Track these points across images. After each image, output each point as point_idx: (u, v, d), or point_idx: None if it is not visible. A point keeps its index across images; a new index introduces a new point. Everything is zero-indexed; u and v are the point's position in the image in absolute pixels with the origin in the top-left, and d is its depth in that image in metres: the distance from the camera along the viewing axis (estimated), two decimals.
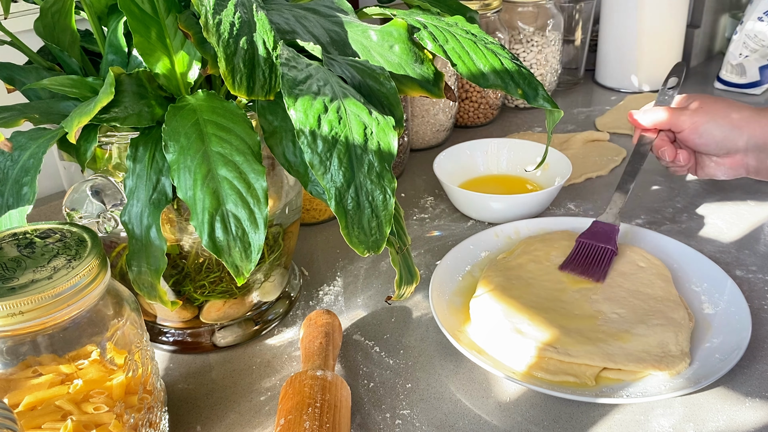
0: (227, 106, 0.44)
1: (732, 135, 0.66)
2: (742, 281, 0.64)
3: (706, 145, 0.68)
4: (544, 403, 0.52)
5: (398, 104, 0.46)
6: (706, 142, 0.68)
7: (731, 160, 0.68)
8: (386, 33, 0.50)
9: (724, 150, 0.68)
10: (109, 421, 0.41)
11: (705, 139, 0.67)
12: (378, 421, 0.51)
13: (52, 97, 0.51)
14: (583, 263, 0.63)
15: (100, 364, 0.42)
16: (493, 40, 0.53)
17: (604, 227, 0.66)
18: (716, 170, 0.70)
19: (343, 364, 0.57)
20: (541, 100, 0.51)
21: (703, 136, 0.67)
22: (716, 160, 0.69)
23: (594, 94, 1.14)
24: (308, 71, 0.41)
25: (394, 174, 0.41)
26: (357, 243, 0.40)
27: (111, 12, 0.50)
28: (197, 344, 0.59)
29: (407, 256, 0.53)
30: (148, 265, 0.45)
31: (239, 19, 0.41)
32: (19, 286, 0.38)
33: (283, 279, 0.62)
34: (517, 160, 0.85)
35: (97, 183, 0.47)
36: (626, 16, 1.08)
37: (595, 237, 0.65)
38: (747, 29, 1.05)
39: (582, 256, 0.64)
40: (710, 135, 0.67)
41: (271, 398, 0.54)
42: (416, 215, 0.79)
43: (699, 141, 0.68)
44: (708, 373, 0.51)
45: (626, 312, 0.57)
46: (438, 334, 0.60)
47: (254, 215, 0.42)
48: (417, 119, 0.92)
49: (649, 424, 0.50)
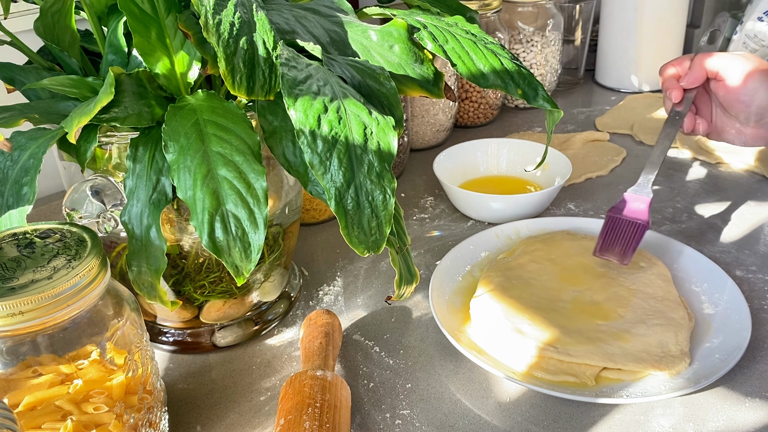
0: (227, 106, 0.44)
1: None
2: (742, 281, 0.64)
3: (746, 107, 0.61)
4: (544, 403, 0.52)
5: (398, 104, 0.46)
6: (747, 103, 0.61)
7: (755, 131, 0.63)
8: (386, 33, 0.50)
9: (760, 117, 0.62)
10: (109, 421, 0.41)
11: (747, 99, 0.61)
12: (378, 421, 0.51)
13: (52, 97, 0.51)
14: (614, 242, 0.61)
15: (100, 364, 0.42)
16: (493, 40, 0.53)
17: (635, 198, 0.63)
18: (735, 137, 0.65)
19: (343, 364, 0.57)
20: (541, 100, 0.51)
21: (749, 94, 0.60)
22: (739, 128, 0.64)
23: (594, 94, 1.14)
24: (308, 71, 0.41)
25: (394, 174, 0.41)
26: (357, 243, 0.40)
27: (111, 12, 0.50)
28: (197, 344, 0.59)
29: (407, 256, 0.53)
30: (148, 265, 0.45)
31: (239, 19, 0.41)
32: (19, 286, 0.38)
33: (283, 279, 0.62)
34: (517, 160, 0.85)
35: (97, 183, 0.47)
36: (626, 16, 1.08)
37: (625, 211, 0.62)
38: (747, 29, 1.05)
39: (613, 233, 0.61)
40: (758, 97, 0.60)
41: (271, 398, 0.54)
42: (416, 215, 0.79)
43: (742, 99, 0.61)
44: (708, 373, 0.51)
45: (626, 312, 0.57)
46: (438, 334, 0.60)
47: (254, 215, 0.42)
48: (417, 119, 0.92)
49: (649, 424, 0.50)
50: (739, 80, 0.61)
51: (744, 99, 0.61)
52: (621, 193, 0.81)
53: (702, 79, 0.64)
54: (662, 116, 1.01)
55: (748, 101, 0.61)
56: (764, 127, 0.63)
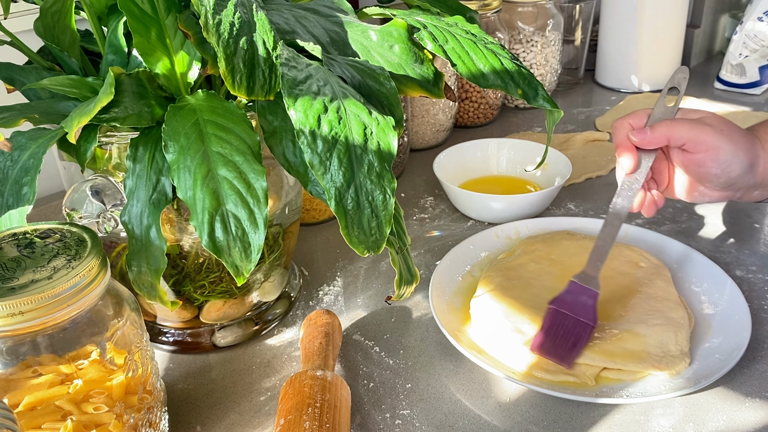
0: (227, 106, 0.44)
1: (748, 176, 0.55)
2: (742, 281, 0.64)
3: (716, 178, 0.55)
4: (544, 403, 0.52)
5: (398, 104, 0.46)
6: (717, 176, 0.55)
7: (722, 193, 0.57)
8: (386, 33, 0.50)
9: (729, 186, 0.56)
10: (109, 421, 0.41)
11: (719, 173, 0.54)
12: (378, 421, 0.51)
13: (52, 97, 0.51)
14: (555, 340, 0.54)
15: (100, 364, 0.42)
16: (493, 40, 0.53)
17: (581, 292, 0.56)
18: (697, 198, 0.58)
19: (343, 364, 0.57)
20: (541, 100, 0.51)
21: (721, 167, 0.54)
22: (703, 191, 0.57)
23: (594, 94, 1.14)
24: (308, 71, 0.41)
25: (394, 174, 0.41)
26: (357, 243, 0.40)
27: (111, 12, 0.50)
28: (197, 344, 0.59)
29: (407, 256, 0.53)
30: (148, 265, 0.45)
31: (239, 19, 0.41)
32: (19, 286, 0.38)
33: (283, 279, 0.62)
34: (517, 160, 0.85)
35: (97, 183, 0.47)
36: (626, 16, 1.08)
37: (571, 306, 0.55)
38: (747, 29, 1.05)
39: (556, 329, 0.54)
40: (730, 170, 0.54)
41: (271, 398, 0.54)
42: (416, 215, 0.79)
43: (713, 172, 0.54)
44: (708, 373, 0.51)
45: (626, 312, 0.57)
46: (438, 334, 0.60)
47: (254, 215, 0.42)
48: (417, 119, 0.92)
49: (649, 424, 0.50)
50: (711, 155, 0.54)
51: (715, 172, 0.55)
52: None
53: (662, 144, 0.56)
54: None
55: (720, 173, 0.55)
56: (732, 190, 0.57)
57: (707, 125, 0.54)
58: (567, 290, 0.56)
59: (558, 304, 0.55)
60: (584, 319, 0.54)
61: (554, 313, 0.55)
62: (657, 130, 0.55)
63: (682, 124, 0.55)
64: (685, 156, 0.56)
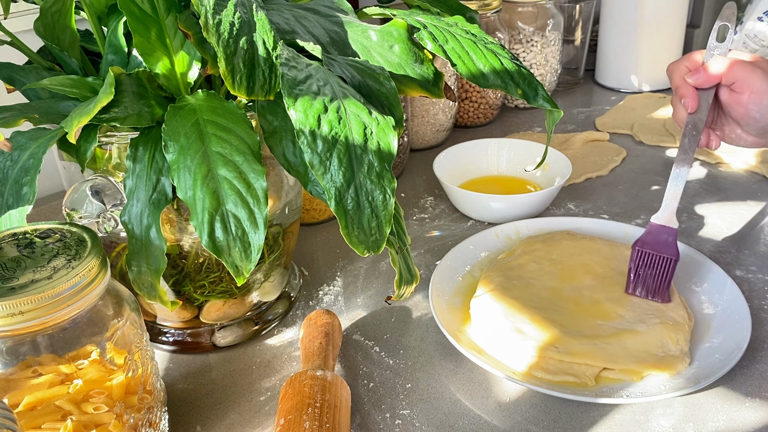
0: (227, 106, 0.44)
1: None
2: (742, 281, 0.64)
3: (755, 122, 0.58)
4: (544, 403, 0.52)
5: (398, 104, 0.46)
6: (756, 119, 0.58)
7: (756, 140, 0.60)
8: (386, 33, 0.50)
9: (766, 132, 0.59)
10: (109, 421, 0.41)
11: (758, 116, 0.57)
12: (378, 421, 0.51)
13: (52, 97, 0.51)
14: (645, 279, 0.59)
15: (100, 364, 0.42)
16: (493, 40, 0.53)
17: (661, 230, 0.59)
18: (734, 140, 0.62)
19: (343, 364, 0.57)
20: (541, 100, 0.51)
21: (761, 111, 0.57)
22: (740, 134, 0.61)
23: (594, 94, 1.14)
24: (308, 71, 0.41)
25: (394, 174, 0.41)
26: (357, 243, 0.40)
27: (111, 12, 0.50)
28: (197, 344, 0.59)
29: (407, 256, 0.53)
30: (148, 265, 0.45)
31: (239, 19, 0.41)
32: (19, 286, 0.38)
33: (282, 279, 0.62)
34: (517, 160, 0.85)
35: (97, 183, 0.47)
36: (626, 16, 1.08)
37: (653, 244, 0.59)
38: (747, 29, 1.05)
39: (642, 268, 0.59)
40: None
41: (271, 398, 0.54)
42: (416, 215, 0.79)
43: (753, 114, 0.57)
44: (708, 373, 0.51)
45: (626, 312, 0.57)
46: (438, 334, 0.60)
47: (254, 215, 0.42)
48: (417, 119, 0.92)
49: (649, 424, 0.50)
50: (755, 97, 0.57)
51: (755, 115, 0.58)
52: (621, 194, 0.82)
53: (717, 81, 0.59)
54: (662, 116, 1.01)
55: (759, 117, 0.58)
56: (765, 137, 0.60)
57: (759, 68, 0.57)
58: (648, 231, 0.60)
59: (641, 245, 0.59)
60: (668, 255, 0.58)
61: (639, 254, 0.59)
62: (712, 67, 0.59)
63: (736, 64, 0.58)
64: (731, 96, 0.59)
